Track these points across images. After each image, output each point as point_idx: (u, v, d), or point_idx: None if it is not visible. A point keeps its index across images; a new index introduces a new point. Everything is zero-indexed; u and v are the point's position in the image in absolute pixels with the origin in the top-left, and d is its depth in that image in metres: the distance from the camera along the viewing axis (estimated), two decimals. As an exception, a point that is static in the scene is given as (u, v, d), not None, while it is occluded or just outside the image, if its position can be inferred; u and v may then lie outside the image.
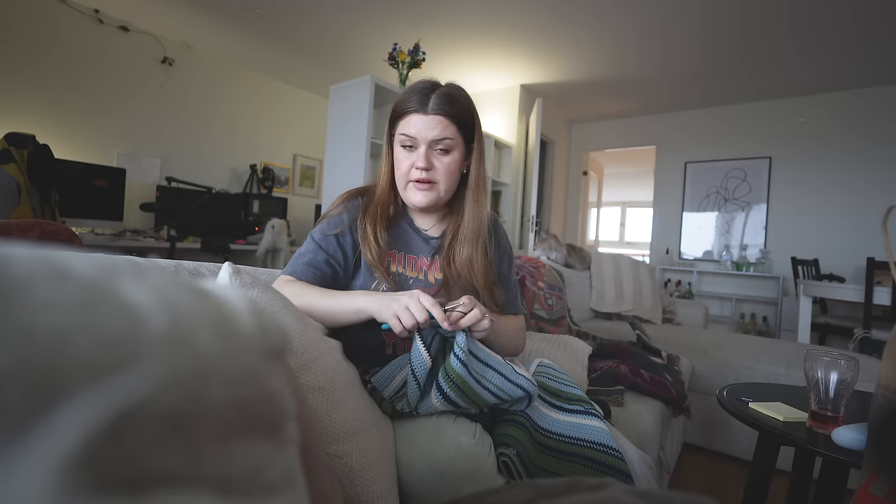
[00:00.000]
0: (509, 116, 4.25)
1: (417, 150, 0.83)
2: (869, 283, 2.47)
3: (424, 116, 0.82)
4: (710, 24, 3.04)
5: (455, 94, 0.84)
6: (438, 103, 0.82)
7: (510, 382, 0.72)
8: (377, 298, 0.73)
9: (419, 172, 0.83)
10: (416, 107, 0.82)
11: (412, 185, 0.85)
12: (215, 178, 4.02)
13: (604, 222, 8.50)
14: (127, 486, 0.14)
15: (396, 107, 0.86)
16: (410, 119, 0.83)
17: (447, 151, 0.84)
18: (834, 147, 4.04)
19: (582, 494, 0.30)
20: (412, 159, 0.84)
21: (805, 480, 1.08)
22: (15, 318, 0.14)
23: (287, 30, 3.47)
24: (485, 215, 0.90)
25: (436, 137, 0.82)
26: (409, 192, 0.86)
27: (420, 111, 0.82)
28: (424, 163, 0.83)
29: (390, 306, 0.70)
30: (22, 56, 2.94)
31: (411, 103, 0.83)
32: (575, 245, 2.86)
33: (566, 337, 1.51)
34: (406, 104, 0.83)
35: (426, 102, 0.82)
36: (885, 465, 0.51)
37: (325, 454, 0.54)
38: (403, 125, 0.83)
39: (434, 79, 0.87)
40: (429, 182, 0.84)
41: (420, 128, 0.82)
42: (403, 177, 0.85)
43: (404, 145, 0.84)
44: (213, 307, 0.20)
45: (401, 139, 0.84)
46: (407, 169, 0.85)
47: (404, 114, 0.84)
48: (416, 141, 0.83)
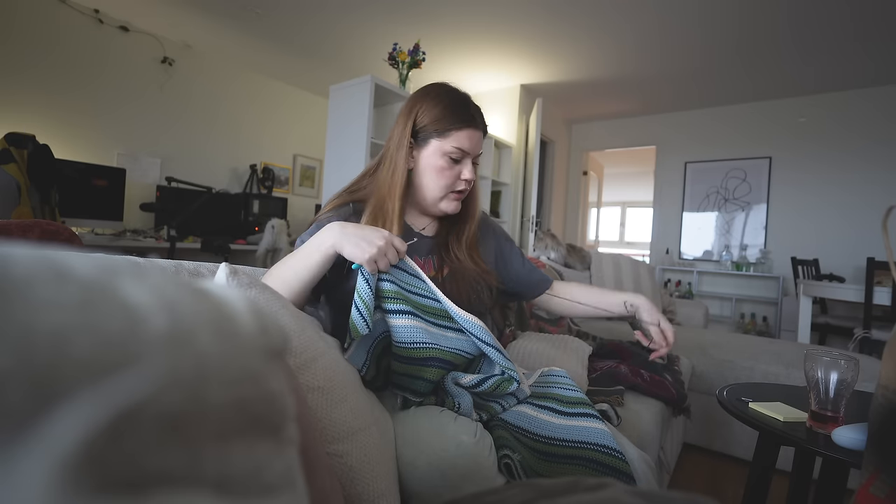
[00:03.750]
0: (509, 116, 4.25)
1: (463, 163, 0.86)
2: (869, 283, 2.47)
3: (477, 132, 0.86)
4: (709, 24, 3.04)
5: None
6: (482, 120, 0.88)
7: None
8: (350, 236, 0.71)
9: (465, 184, 0.88)
10: (469, 121, 0.85)
11: (453, 195, 0.88)
12: (215, 178, 4.02)
13: (604, 222, 8.50)
14: (127, 486, 0.14)
15: (445, 118, 0.84)
16: (467, 134, 0.85)
17: (476, 163, 0.90)
18: (833, 147, 4.04)
19: (582, 494, 0.30)
20: (457, 171, 0.86)
21: (805, 480, 1.08)
22: (15, 318, 0.14)
23: (287, 30, 3.47)
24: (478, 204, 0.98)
25: (479, 153, 0.88)
26: (444, 203, 0.89)
27: (476, 127, 0.86)
28: (474, 175, 0.88)
29: (366, 251, 0.70)
30: (22, 56, 2.94)
31: (464, 117, 0.85)
32: (575, 245, 2.86)
33: (566, 337, 1.50)
34: (458, 117, 0.84)
35: (477, 118, 0.86)
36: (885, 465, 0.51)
37: (325, 454, 0.54)
38: (459, 138, 0.84)
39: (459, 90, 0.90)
40: (465, 192, 0.90)
41: (475, 143, 0.86)
42: (445, 188, 0.87)
43: (453, 157, 0.85)
44: (213, 307, 0.20)
45: (451, 151, 0.85)
46: (451, 180, 0.87)
47: (459, 127, 0.84)
48: (467, 155, 0.86)
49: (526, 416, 0.77)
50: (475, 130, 0.85)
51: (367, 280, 0.70)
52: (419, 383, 0.74)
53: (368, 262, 0.70)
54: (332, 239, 0.71)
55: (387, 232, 0.72)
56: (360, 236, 0.71)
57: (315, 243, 0.73)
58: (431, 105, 0.85)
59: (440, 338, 0.74)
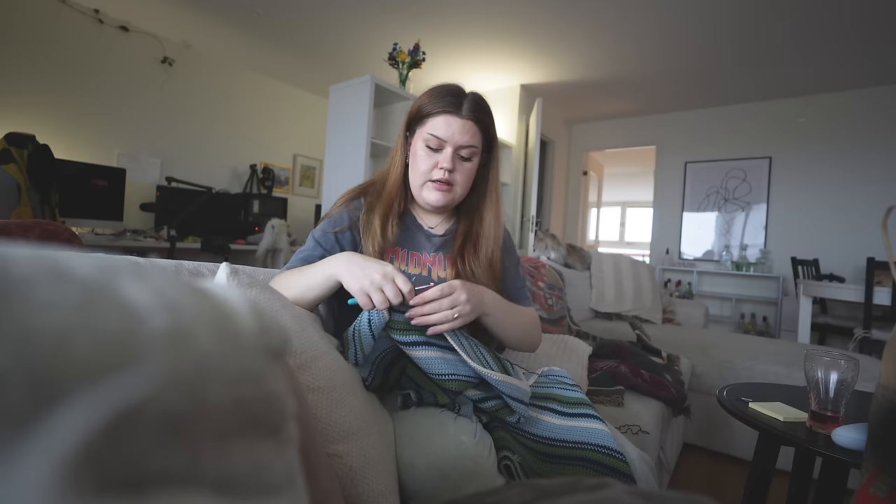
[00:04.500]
0: (509, 116, 4.25)
1: (443, 152, 0.83)
2: (869, 283, 2.47)
3: (458, 119, 0.82)
4: (709, 24, 3.04)
5: (483, 102, 0.85)
6: (472, 109, 0.83)
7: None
8: (352, 266, 0.71)
9: (442, 173, 0.83)
10: (449, 108, 0.82)
11: (431, 184, 0.85)
12: (215, 178, 4.02)
13: (604, 222, 8.50)
14: (127, 485, 0.14)
15: (424, 106, 0.84)
16: (442, 119, 0.82)
17: (469, 158, 0.85)
18: (834, 147, 4.04)
19: (582, 494, 0.30)
20: (435, 159, 0.84)
21: (805, 480, 1.08)
22: (15, 318, 0.14)
23: (287, 29, 3.47)
24: (502, 221, 0.92)
25: (465, 143, 0.83)
26: (425, 192, 0.86)
27: (454, 113, 0.82)
28: (450, 164, 0.83)
29: (361, 282, 0.68)
30: (22, 56, 2.94)
31: (443, 104, 0.82)
32: (575, 245, 2.86)
33: (566, 337, 1.50)
34: (437, 104, 0.82)
35: (460, 106, 0.82)
36: (885, 466, 0.51)
37: (325, 454, 0.54)
38: (433, 125, 0.83)
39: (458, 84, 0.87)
40: (448, 184, 0.85)
41: (452, 130, 0.82)
42: (422, 175, 0.85)
43: (429, 145, 0.83)
44: (214, 307, 0.20)
45: (427, 138, 0.83)
46: (428, 168, 0.84)
47: (435, 114, 0.83)
48: (445, 143, 0.83)
49: (527, 418, 0.76)
50: (454, 117, 0.82)
51: (370, 320, 0.68)
52: (441, 396, 0.75)
53: (359, 294, 0.68)
54: (335, 268, 0.73)
55: (391, 268, 0.70)
56: (360, 266, 0.70)
57: (322, 267, 0.75)
58: (423, 96, 0.86)
59: (458, 365, 0.72)
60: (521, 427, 0.75)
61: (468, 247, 0.89)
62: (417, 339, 0.71)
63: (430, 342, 0.71)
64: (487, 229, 0.89)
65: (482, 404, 0.73)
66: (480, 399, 0.73)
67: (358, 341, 0.69)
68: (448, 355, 0.72)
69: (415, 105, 0.86)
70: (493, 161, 0.91)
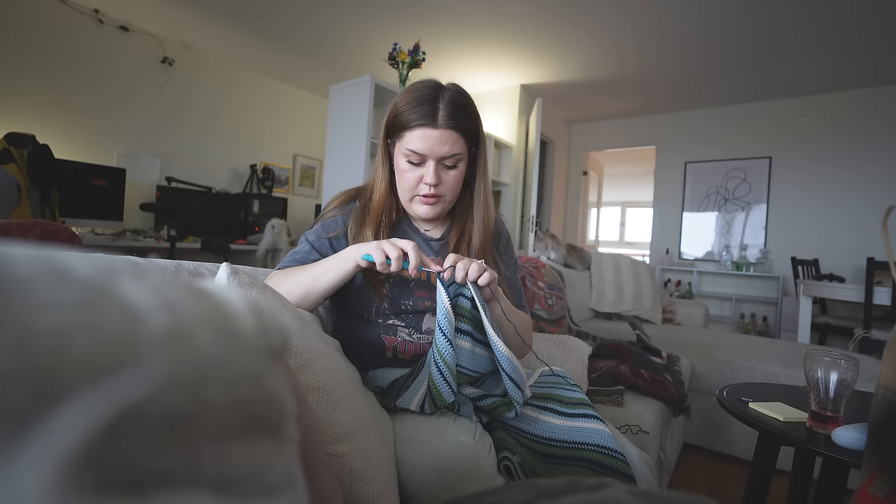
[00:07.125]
0: (509, 116, 4.25)
1: (425, 166, 0.79)
2: (869, 283, 2.47)
3: (434, 131, 0.76)
4: (710, 24, 3.04)
5: (461, 101, 0.79)
6: (448, 115, 0.76)
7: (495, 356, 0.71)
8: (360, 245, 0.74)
9: (427, 188, 0.80)
10: (424, 120, 0.76)
11: (419, 199, 0.82)
12: (215, 178, 4.02)
13: (604, 222, 8.50)
14: (127, 485, 0.14)
15: (399, 116, 0.79)
16: (418, 134, 0.77)
17: (454, 165, 0.81)
18: (834, 147, 4.04)
19: (582, 494, 0.30)
20: (419, 173, 0.80)
21: (805, 480, 1.08)
22: (15, 318, 0.14)
23: (287, 30, 3.47)
24: (493, 217, 0.91)
25: (445, 154, 0.78)
26: (414, 206, 0.84)
27: (429, 125, 0.76)
28: (434, 179, 0.79)
29: (378, 243, 0.71)
30: (22, 56, 2.95)
31: (417, 116, 0.76)
32: (575, 245, 2.86)
33: (566, 337, 1.51)
34: (411, 116, 0.77)
35: (434, 115, 0.76)
36: (885, 466, 0.51)
37: (325, 454, 0.54)
38: (411, 139, 0.78)
39: (435, 80, 0.82)
40: (436, 196, 0.82)
41: (431, 144, 0.77)
42: (409, 190, 0.82)
43: (411, 161, 0.79)
44: (214, 307, 0.20)
45: (407, 154, 0.79)
46: (413, 184, 0.81)
47: (410, 127, 0.77)
48: (425, 157, 0.78)
49: (527, 418, 0.76)
50: (430, 129, 0.76)
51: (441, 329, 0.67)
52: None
53: (375, 249, 0.70)
54: (350, 250, 0.74)
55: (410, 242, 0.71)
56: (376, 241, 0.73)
57: (334, 255, 0.76)
58: (397, 102, 0.80)
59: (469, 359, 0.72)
60: (521, 427, 0.75)
61: (462, 247, 0.89)
62: (464, 326, 0.72)
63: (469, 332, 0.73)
64: (479, 225, 0.89)
65: (481, 402, 0.73)
66: (479, 397, 0.73)
67: (448, 374, 0.67)
68: (477, 349, 0.73)
69: (391, 111, 0.81)
70: (480, 156, 0.87)
